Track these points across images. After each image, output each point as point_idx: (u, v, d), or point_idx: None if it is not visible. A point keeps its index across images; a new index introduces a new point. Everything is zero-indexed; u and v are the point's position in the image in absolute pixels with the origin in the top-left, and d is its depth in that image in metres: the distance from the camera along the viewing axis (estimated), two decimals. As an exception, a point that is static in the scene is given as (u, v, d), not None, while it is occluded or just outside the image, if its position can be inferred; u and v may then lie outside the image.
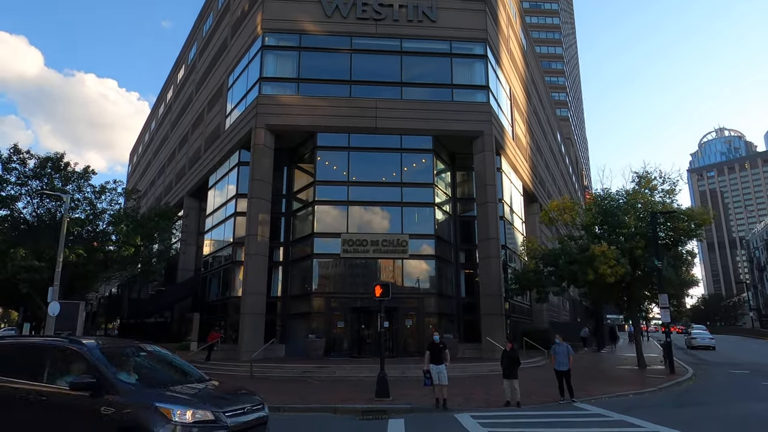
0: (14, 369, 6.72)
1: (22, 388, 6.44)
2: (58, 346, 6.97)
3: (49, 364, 6.75)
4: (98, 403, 5.99)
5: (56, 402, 6.24)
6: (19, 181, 22.10)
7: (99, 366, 6.34)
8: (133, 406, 5.96)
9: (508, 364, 13.05)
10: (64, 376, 6.53)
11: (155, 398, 6.09)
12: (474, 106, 28.47)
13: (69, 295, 23.15)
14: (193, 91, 41.07)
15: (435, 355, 13.14)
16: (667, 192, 23.23)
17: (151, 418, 5.81)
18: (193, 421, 5.95)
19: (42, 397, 6.28)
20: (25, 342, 7.72)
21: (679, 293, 26.81)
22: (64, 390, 6.22)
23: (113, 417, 5.89)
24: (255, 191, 26.38)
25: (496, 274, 26.60)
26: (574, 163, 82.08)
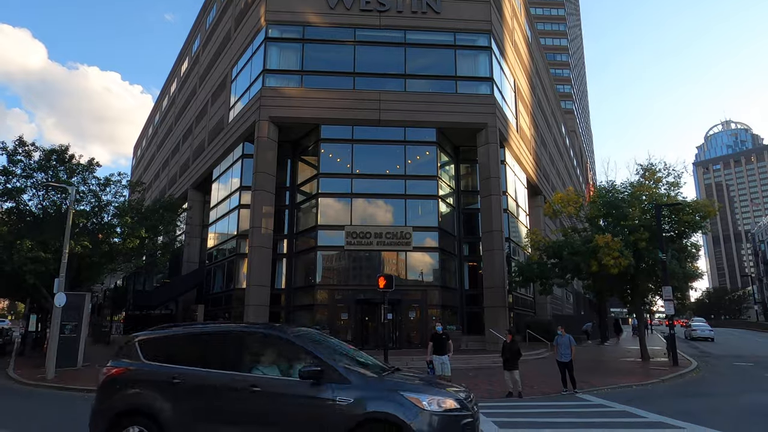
0: (213, 358, 6.31)
1: (240, 379, 5.99)
2: (261, 333, 6.69)
3: (255, 353, 6.50)
4: (323, 391, 5.72)
5: (276, 391, 5.88)
6: (25, 174, 22.18)
7: (316, 353, 6.07)
8: (374, 394, 5.71)
9: (508, 355, 13.10)
10: (276, 364, 6.33)
11: (397, 387, 5.81)
12: (478, 98, 28.36)
13: (75, 286, 23.30)
14: (196, 84, 41.06)
15: (438, 346, 13.25)
16: (672, 184, 23.11)
17: (400, 408, 5.52)
18: (443, 409, 5.67)
19: (255, 387, 5.88)
20: (222, 329, 7.11)
21: (683, 286, 26.65)
22: (287, 379, 5.99)
23: (351, 406, 5.59)
24: (259, 184, 26.42)
25: (499, 267, 26.61)
26: (578, 156, 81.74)
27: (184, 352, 6.55)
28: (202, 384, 6.13)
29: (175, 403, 6.05)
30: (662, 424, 9.72)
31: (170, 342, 6.81)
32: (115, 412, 6.17)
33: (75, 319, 20.51)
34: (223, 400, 5.96)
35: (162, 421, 5.96)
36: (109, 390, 6.43)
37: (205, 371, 6.19)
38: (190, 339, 6.84)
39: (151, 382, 6.28)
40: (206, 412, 5.98)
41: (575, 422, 9.81)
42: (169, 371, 6.23)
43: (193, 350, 6.58)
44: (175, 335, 6.95)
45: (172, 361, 6.38)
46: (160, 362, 6.41)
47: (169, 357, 6.48)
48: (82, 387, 15.08)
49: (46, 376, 16.98)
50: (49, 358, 17.54)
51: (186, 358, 6.41)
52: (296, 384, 5.83)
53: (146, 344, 6.68)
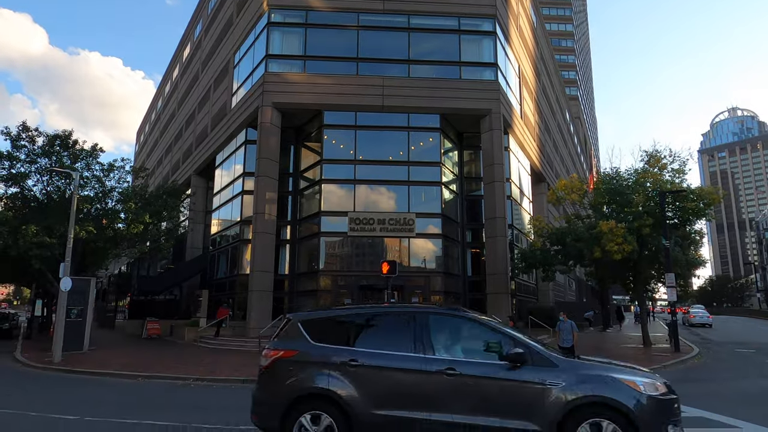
0: (392, 339, 6.01)
1: (434, 361, 5.72)
2: (451, 314, 6.40)
3: (446, 335, 6.17)
4: (527, 374, 5.51)
5: (476, 375, 5.61)
6: (29, 159, 22.22)
7: (516, 336, 5.90)
8: (584, 378, 5.47)
9: None
10: (467, 346, 6.05)
11: (606, 369, 5.65)
12: (482, 84, 28.16)
13: (80, 271, 23.46)
14: (199, 69, 40.86)
15: None
16: (677, 171, 22.99)
17: (618, 392, 5.33)
18: (660, 393, 5.50)
19: (452, 371, 5.61)
20: (406, 310, 6.62)
21: (686, 273, 26.71)
22: (487, 362, 5.72)
23: (563, 390, 5.37)
24: (262, 170, 26.41)
25: (502, 253, 26.64)
26: (582, 143, 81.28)
27: (357, 334, 6.21)
28: (387, 366, 5.80)
29: (357, 387, 5.74)
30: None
31: (340, 323, 6.48)
32: (293, 396, 5.81)
33: (81, 303, 20.73)
34: (413, 383, 5.68)
35: (344, 405, 5.67)
36: (279, 373, 6.04)
37: (391, 353, 5.87)
38: (365, 320, 6.46)
39: (327, 365, 5.91)
40: (394, 396, 5.69)
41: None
42: (347, 353, 5.92)
43: (367, 331, 6.26)
44: (347, 315, 6.62)
45: (343, 343, 6.08)
46: (330, 344, 6.09)
47: (339, 338, 6.16)
48: (88, 370, 15.30)
49: (53, 359, 17.20)
50: (55, 342, 17.76)
51: (360, 340, 6.13)
52: (497, 367, 5.60)
53: (311, 325, 6.36)
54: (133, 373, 14.57)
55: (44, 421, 8.43)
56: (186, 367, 15.84)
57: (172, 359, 18.02)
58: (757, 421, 8.37)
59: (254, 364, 16.51)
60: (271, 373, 6.14)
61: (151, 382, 13.46)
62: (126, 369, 15.30)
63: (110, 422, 8.28)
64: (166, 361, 17.53)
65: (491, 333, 6.01)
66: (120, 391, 11.94)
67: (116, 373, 14.72)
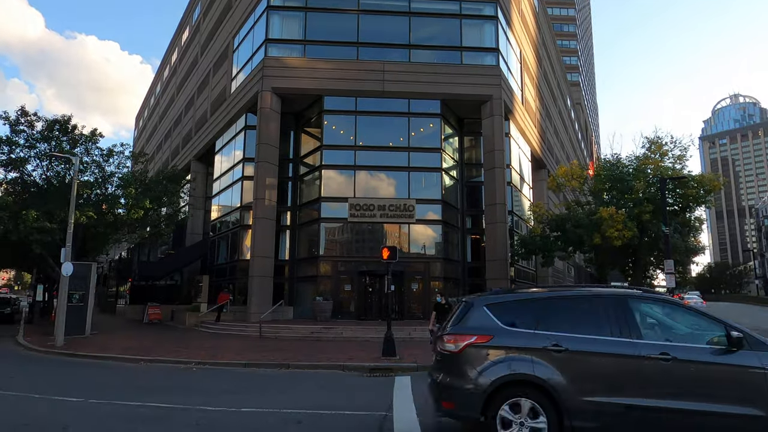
0: (592, 323, 5.83)
1: (645, 346, 5.55)
2: (652, 297, 6.24)
3: (650, 318, 6.06)
4: (745, 358, 5.38)
5: (693, 360, 5.48)
6: (28, 144, 22.14)
7: (724, 321, 5.75)
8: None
9: None
10: (671, 331, 5.95)
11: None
12: (483, 69, 27.95)
13: (81, 256, 23.52)
14: (198, 53, 40.51)
15: (441, 315, 13.48)
16: (678, 158, 23.02)
17: None
18: None
19: (666, 356, 5.45)
20: (603, 293, 6.29)
21: (685, 260, 26.88)
22: (702, 347, 5.58)
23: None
24: (262, 155, 26.34)
25: (502, 239, 26.69)
26: (583, 130, 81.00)
27: (551, 317, 5.97)
28: (594, 351, 5.62)
29: (564, 373, 5.54)
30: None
31: (530, 306, 6.22)
32: (495, 383, 5.58)
33: (82, 288, 20.82)
34: (624, 369, 5.54)
35: (552, 392, 5.48)
36: (474, 360, 5.80)
37: (595, 338, 5.69)
38: (559, 303, 6.23)
39: (527, 350, 5.72)
40: (604, 383, 5.53)
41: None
42: (547, 338, 5.72)
43: (561, 315, 6.01)
44: (538, 299, 6.35)
45: (535, 327, 5.88)
46: (521, 328, 5.92)
47: (530, 322, 5.95)
48: (91, 354, 15.42)
49: (56, 343, 17.34)
50: (57, 326, 17.87)
51: (555, 324, 5.88)
52: (711, 351, 5.50)
53: (499, 309, 6.14)
54: (135, 357, 14.69)
55: (48, 403, 8.53)
56: (188, 351, 15.97)
57: (173, 344, 18.16)
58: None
59: (255, 348, 16.76)
60: (464, 359, 5.86)
61: (153, 366, 13.58)
62: (128, 353, 15.42)
63: (114, 404, 8.37)
64: (168, 345, 17.67)
65: (697, 317, 5.94)
66: (123, 375, 12.05)
67: (119, 357, 14.85)
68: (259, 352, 15.58)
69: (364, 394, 9.63)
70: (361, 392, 9.80)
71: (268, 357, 14.57)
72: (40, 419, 7.28)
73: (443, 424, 7.01)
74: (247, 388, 10.21)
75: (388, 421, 7.18)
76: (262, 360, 13.99)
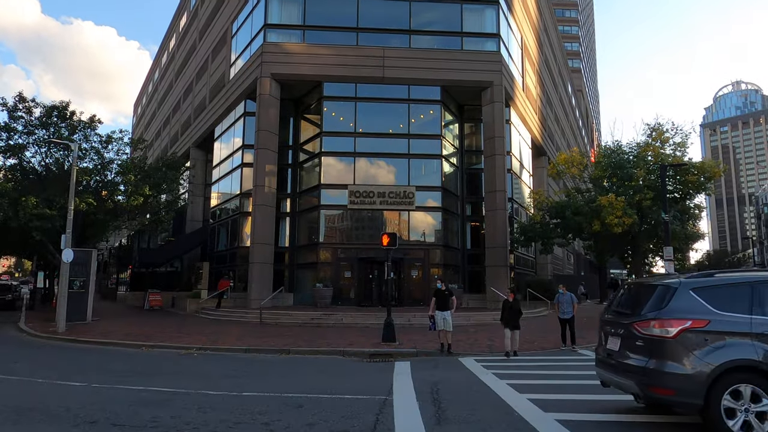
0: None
1: None
2: None
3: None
4: None
5: None
6: (26, 130, 22.03)
7: None
8: None
9: (509, 314, 12.84)
10: None
11: None
12: (484, 55, 27.76)
13: (81, 243, 23.51)
14: (196, 39, 40.15)
15: (440, 302, 13.36)
16: (679, 145, 22.92)
17: None
18: None
19: None
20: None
21: (684, 247, 26.93)
22: None
23: None
24: (261, 142, 26.25)
25: (501, 227, 26.72)
26: (584, 117, 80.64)
27: (764, 300, 5.86)
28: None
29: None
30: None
31: (739, 289, 6.07)
32: (717, 369, 5.49)
33: (83, 275, 20.88)
34: None
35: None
36: (691, 345, 5.69)
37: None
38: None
39: (748, 335, 5.65)
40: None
41: (573, 374, 10.09)
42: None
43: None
44: (752, 282, 6.16)
45: (748, 310, 5.79)
46: (731, 311, 5.81)
47: (741, 306, 5.84)
48: (92, 340, 15.52)
49: (57, 329, 17.42)
50: (59, 312, 17.95)
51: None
52: None
53: (707, 292, 6.01)
54: (136, 342, 14.77)
55: (51, 387, 8.60)
56: (189, 337, 16.06)
57: (174, 330, 18.26)
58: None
59: (256, 334, 16.86)
60: (680, 344, 5.73)
61: (154, 352, 13.66)
62: (129, 339, 15.51)
63: (116, 389, 8.44)
64: (169, 331, 17.76)
65: None
66: (124, 360, 12.13)
67: (120, 342, 14.93)
68: (260, 338, 15.67)
69: (364, 378, 9.71)
70: (361, 377, 9.88)
71: (269, 343, 14.66)
72: (43, 403, 7.34)
73: (443, 408, 7.08)
74: (248, 373, 10.29)
75: (388, 405, 7.25)
76: (263, 345, 14.08)
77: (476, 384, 9.02)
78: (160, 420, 6.37)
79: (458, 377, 9.69)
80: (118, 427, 6.08)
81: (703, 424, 5.66)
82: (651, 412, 6.87)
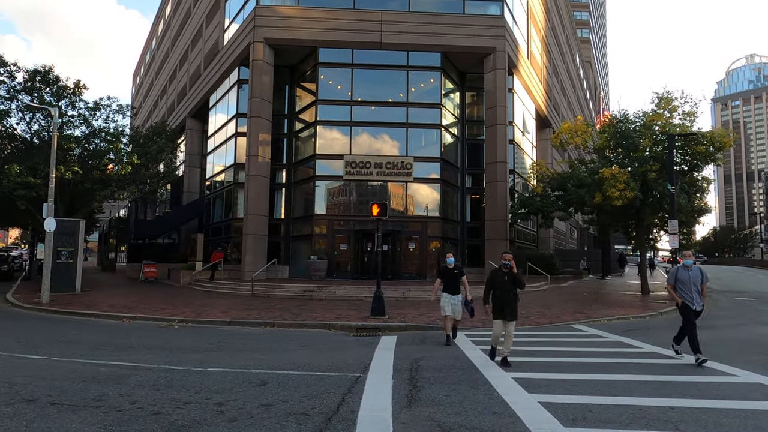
0: None
1: None
2: None
3: None
4: None
5: None
6: (9, 96, 21.26)
7: None
8: None
9: (504, 294, 8.38)
10: None
11: None
12: (487, 19, 26.54)
13: (71, 214, 23.04)
14: (191, 5, 38.84)
15: (449, 282, 10.26)
16: (688, 114, 21.86)
17: None
18: None
19: None
20: None
21: (691, 221, 26.07)
22: None
23: None
24: (255, 110, 25.41)
25: (502, 199, 25.97)
26: (592, 89, 78.66)
27: None
28: None
29: None
30: (657, 354, 9.43)
31: None
32: None
33: (71, 245, 20.43)
34: None
35: None
36: None
37: None
38: None
39: None
40: None
41: (568, 351, 9.52)
42: None
43: None
44: None
45: None
46: None
47: None
48: (74, 311, 15.10)
49: (41, 300, 17.02)
50: (43, 282, 17.53)
51: None
52: None
53: None
54: (118, 314, 14.33)
55: (7, 360, 8.10)
56: (174, 309, 15.62)
57: (161, 301, 17.82)
58: (756, 369, 7.94)
59: (244, 306, 16.39)
60: None
61: (135, 324, 13.21)
62: (112, 310, 15.08)
63: (76, 362, 7.94)
64: (156, 303, 17.32)
65: None
66: (100, 332, 11.67)
67: (102, 314, 14.50)
68: (246, 311, 15.19)
69: (343, 354, 9.17)
70: (340, 352, 9.34)
71: (254, 315, 14.17)
72: (-10, 377, 6.83)
73: (419, 387, 6.51)
74: (222, 347, 9.77)
75: (360, 383, 6.69)
76: (248, 318, 13.60)
77: (461, 361, 8.46)
78: (106, 398, 5.83)
79: (442, 353, 9.14)
80: (56, 405, 5.53)
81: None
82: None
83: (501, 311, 8.30)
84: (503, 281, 8.37)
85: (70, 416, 5.16)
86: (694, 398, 6.16)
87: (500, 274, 8.46)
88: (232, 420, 5.11)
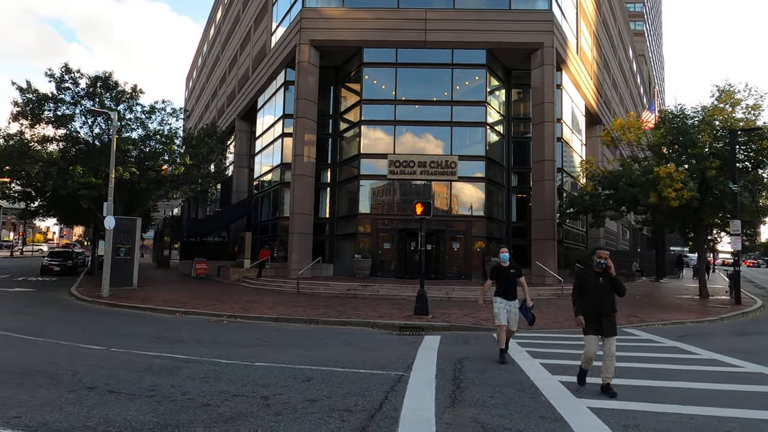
0: None
1: None
2: None
3: None
4: None
5: None
6: (73, 101, 22.57)
7: None
8: None
9: (603, 301, 6.80)
10: None
11: None
12: (534, 14, 25.93)
13: (129, 212, 24.22)
14: (240, 9, 40.00)
15: (505, 285, 8.60)
16: (752, 107, 20.57)
17: None
18: None
19: None
20: None
21: (755, 221, 24.55)
22: None
23: None
24: (300, 111, 25.87)
25: (549, 198, 25.31)
26: (646, 84, 75.46)
27: None
28: None
29: None
30: (716, 361, 8.91)
31: None
32: None
33: (128, 242, 21.44)
34: None
35: None
36: None
37: None
38: None
39: None
40: None
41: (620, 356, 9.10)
42: None
43: None
44: None
45: None
46: None
47: None
48: (132, 305, 15.83)
49: (101, 294, 17.97)
50: (103, 278, 18.49)
51: None
52: None
53: None
54: (172, 308, 14.93)
55: (71, 350, 8.60)
56: (224, 304, 16.12)
57: (212, 297, 18.44)
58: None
59: (290, 303, 16.71)
60: None
61: (187, 318, 13.73)
62: (167, 305, 15.72)
63: (132, 353, 8.34)
64: (207, 298, 17.94)
65: None
66: (155, 325, 12.19)
67: (157, 308, 15.15)
68: (292, 308, 15.49)
69: (387, 352, 9.19)
70: (384, 351, 9.37)
71: (299, 312, 14.43)
72: (54, 365, 7.27)
73: (462, 387, 6.44)
74: (269, 343, 10.00)
75: (404, 382, 6.68)
76: (293, 315, 13.86)
77: (506, 362, 8.29)
78: (159, 388, 6.09)
79: (487, 354, 8.98)
80: (113, 393, 5.83)
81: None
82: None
83: (597, 324, 6.53)
84: (597, 284, 6.63)
85: (127, 404, 5.42)
86: (759, 409, 5.79)
87: (593, 275, 6.74)
88: (278, 414, 5.22)
